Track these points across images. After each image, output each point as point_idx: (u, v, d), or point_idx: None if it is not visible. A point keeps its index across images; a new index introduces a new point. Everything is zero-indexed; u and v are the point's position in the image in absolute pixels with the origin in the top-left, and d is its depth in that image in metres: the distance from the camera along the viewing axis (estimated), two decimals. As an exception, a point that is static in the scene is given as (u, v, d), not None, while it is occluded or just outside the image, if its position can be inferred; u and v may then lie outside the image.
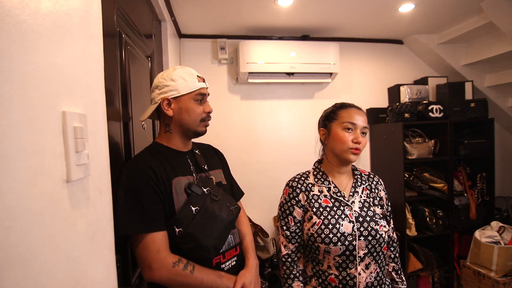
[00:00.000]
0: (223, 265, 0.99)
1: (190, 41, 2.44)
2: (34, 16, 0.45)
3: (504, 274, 2.10)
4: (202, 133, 1.03)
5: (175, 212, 0.92)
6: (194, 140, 1.09)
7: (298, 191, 1.10)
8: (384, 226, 1.04)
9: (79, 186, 0.58)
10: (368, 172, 1.19)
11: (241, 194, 1.22)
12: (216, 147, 1.23)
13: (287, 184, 1.14)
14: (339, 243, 0.99)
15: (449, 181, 2.37)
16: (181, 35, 2.40)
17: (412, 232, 2.35)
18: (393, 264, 1.14)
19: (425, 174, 2.42)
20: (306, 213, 1.08)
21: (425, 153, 2.38)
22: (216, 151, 1.21)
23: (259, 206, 2.51)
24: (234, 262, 1.02)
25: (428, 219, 2.35)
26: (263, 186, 2.54)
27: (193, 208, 0.93)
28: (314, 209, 1.06)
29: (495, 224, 2.34)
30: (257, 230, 2.32)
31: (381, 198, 1.12)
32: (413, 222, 2.36)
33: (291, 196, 1.11)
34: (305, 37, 2.49)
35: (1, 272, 0.36)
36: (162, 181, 0.91)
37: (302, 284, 1.08)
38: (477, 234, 2.29)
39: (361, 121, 1.08)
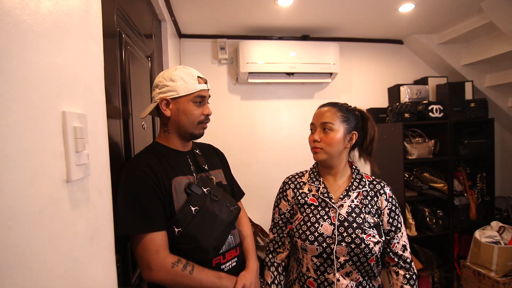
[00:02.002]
0: (223, 266, 0.98)
1: (190, 41, 2.44)
2: (34, 16, 0.45)
3: (504, 274, 2.10)
4: (199, 135, 1.02)
5: (175, 212, 0.91)
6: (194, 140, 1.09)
7: (287, 187, 1.13)
8: (373, 237, 0.96)
9: (79, 186, 0.58)
10: (373, 178, 1.10)
11: (241, 194, 1.21)
12: (216, 147, 1.22)
13: (283, 181, 1.17)
14: (315, 242, 0.96)
15: (449, 181, 2.37)
16: (181, 35, 2.40)
17: (412, 232, 2.34)
18: (408, 287, 1.00)
19: (425, 174, 2.42)
20: (292, 209, 1.10)
21: (425, 153, 2.38)
22: (216, 151, 1.21)
23: (259, 206, 2.51)
24: (235, 263, 1.02)
25: (428, 219, 2.35)
26: (264, 186, 2.54)
27: (193, 208, 0.93)
28: (299, 205, 1.06)
29: (495, 224, 2.33)
30: (257, 230, 2.32)
31: (378, 208, 1.03)
32: (413, 222, 2.36)
33: (281, 190, 1.15)
34: (305, 37, 2.49)
35: (1, 272, 0.36)
36: (162, 181, 0.91)
37: (272, 275, 1.09)
38: (477, 234, 2.29)
39: (320, 117, 1.04)
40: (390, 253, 1.04)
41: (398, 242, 1.03)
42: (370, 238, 0.95)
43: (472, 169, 2.57)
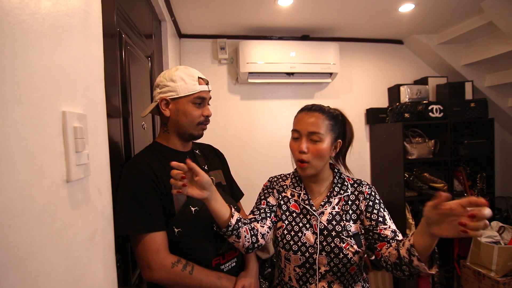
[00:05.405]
0: (223, 266, 0.98)
1: (190, 41, 2.44)
2: (34, 16, 0.45)
3: (504, 274, 2.10)
4: (198, 136, 1.02)
5: (175, 212, 0.91)
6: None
7: (273, 186, 1.08)
8: (352, 246, 0.92)
9: (79, 186, 0.58)
10: (354, 180, 1.04)
11: (241, 194, 1.22)
12: (216, 147, 1.22)
13: (268, 179, 1.12)
14: (299, 252, 0.94)
15: (449, 181, 2.37)
16: (181, 35, 2.40)
17: (412, 232, 2.35)
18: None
19: (425, 174, 2.42)
20: (278, 206, 1.04)
21: (425, 153, 2.38)
22: (216, 151, 1.21)
23: (259, 206, 2.51)
24: (234, 264, 1.02)
25: (428, 219, 2.35)
26: (263, 186, 2.54)
27: (193, 209, 0.93)
28: (281, 212, 1.02)
29: (495, 224, 2.33)
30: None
31: (361, 212, 0.97)
32: (413, 222, 2.36)
33: (268, 187, 1.08)
34: (305, 37, 2.49)
35: (1, 272, 0.36)
36: (162, 181, 0.91)
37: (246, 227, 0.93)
38: (477, 234, 2.29)
39: (307, 125, 0.94)
40: (379, 238, 0.91)
41: (385, 228, 0.91)
42: (348, 248, 0.92)
43: (472, 169, 2.57)
